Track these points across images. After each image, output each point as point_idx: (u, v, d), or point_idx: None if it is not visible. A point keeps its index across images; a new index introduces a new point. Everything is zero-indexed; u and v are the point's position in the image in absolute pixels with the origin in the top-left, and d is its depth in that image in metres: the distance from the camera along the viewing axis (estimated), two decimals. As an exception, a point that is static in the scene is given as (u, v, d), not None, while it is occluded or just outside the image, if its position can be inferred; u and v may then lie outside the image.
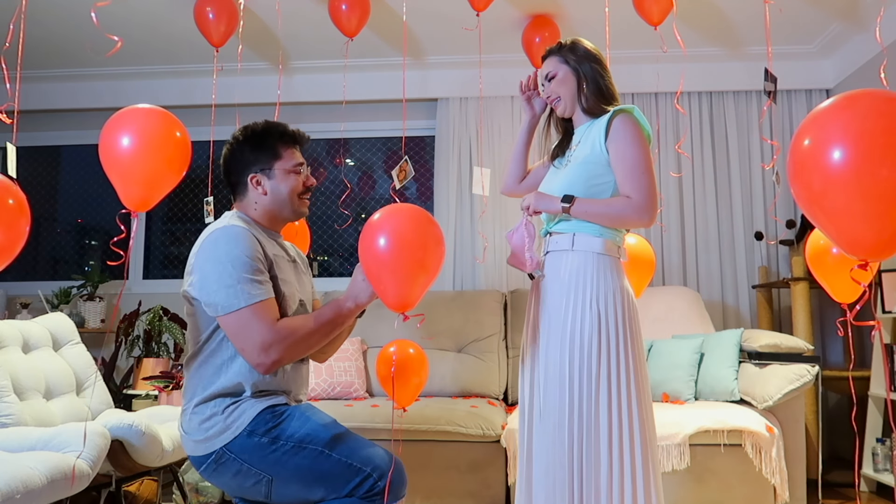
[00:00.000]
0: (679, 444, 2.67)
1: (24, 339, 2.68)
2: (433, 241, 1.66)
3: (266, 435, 1.67)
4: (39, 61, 4.38)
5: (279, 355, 1.67)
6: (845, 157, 1.22)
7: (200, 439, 1.70)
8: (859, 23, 3.83)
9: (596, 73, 1.95)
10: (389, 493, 1.65)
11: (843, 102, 1.28)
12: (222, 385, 1.71)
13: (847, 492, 3.43)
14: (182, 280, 1.79)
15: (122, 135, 1.72)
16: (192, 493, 3.11)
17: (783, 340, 3.10)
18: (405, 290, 1.62)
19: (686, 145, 4.37)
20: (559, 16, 3.83)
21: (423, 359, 2.54)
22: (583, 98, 1.95)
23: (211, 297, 1.67)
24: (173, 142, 1.76)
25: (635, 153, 1.82)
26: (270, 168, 1.86)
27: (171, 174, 1.81)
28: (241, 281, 1.66)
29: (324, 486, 1.67)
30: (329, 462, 1.66)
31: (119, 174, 1.74)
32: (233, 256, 1.68)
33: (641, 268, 2.60)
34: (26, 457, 1.89)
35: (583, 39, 2.01)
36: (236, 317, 1.65)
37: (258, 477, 1.68)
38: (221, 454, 1.68)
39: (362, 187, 4.80)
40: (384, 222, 1.65)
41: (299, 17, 3.82)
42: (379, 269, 1.62)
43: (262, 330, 1.65)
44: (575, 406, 1.77)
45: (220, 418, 1.69)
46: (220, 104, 4.12)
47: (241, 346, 1.67)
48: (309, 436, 1.68)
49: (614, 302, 1.82)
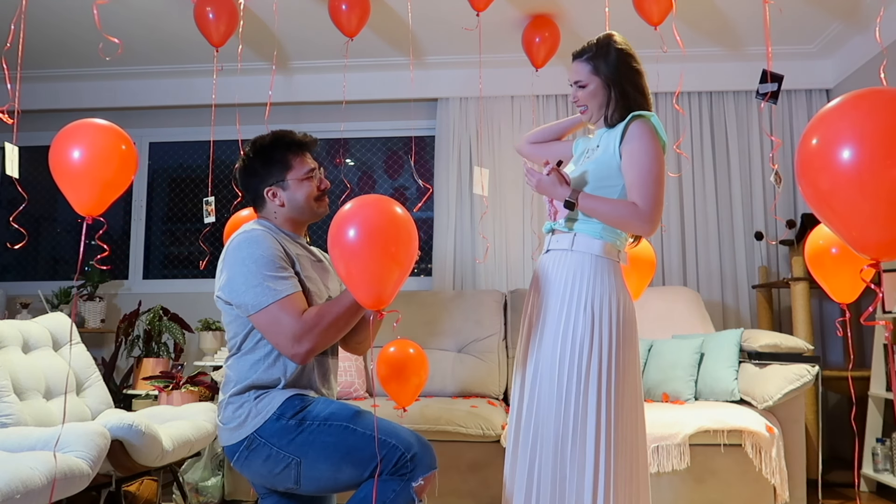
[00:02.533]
0: (679, 444, 2.67)
1: (24, 339, 2.68)
2: (405, 233, 1.61)
3: (294, 418, 1.74)
4: (39, 61, 4.38)
5: (312, 344, 1.73)
6: (854, 156, 1.22)
7: (233, 426, 1.78)
8: (859, 23, 3.83)
9: (627, 87, 1.90)
10: (419, 467, 1.67)
11: (851, 101, 1.28)
12: (257, 379, 1.79)
13: (847, 492, 3.43)
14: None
15: (72, 148, 1.80)
16: (192, 493, 3.12)
17: (783, 340, 3.10)
18: (378, 287, 1.58)
19: (686, 145, 4.37)
20: (559, 16, 3.83)
21: (423, 359, 2.54)
22: (609, 113, 1.93)
23: (240, 298, 1.76)
24: (118, 154, 1.84)
25: (647, 161, 1.82)
26: (284, 180, 1.92)
27: (117, 184, 1.89)
28: (265, 279, 1.74)
29: (351, 463, 1.70)
30: (355, 436, 1.70)
31: (68, 183, 1.84)
32: (256, 257, 1.76)
33: (642, 268, 2.60)
34: (26, 457, 1.89)
35: (616, 37, 1.93)
36: (265, 313, 1.73)
37: (287, 460, 1.73)
38: (252, 440, 1.75)
39: (362, 187, 4.80)
40: (354, 213, 1.59)
41: (299, 17, 3.82)
42: (348, 264, 1.57)
43: (290, 322, 1.72)
44: (563, 405, 1.78)
45: (251, 405, 1.76)
46: (220, 104, 4.11)
47: (274, 342, 1.75)
48: (334, 414, 1.75)
49: (609, 305, 1.83)
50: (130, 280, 4.71)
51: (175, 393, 3.20)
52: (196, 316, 4.24)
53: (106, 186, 1.81)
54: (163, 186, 4.91)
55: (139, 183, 4.80)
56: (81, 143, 1.79)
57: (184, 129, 4.78)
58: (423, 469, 1.68)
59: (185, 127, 4.76)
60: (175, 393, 3.20)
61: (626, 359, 1.83)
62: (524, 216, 4.35)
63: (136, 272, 4.73)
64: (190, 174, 4.90)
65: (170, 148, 4.87)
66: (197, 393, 3.27)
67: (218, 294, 1.83)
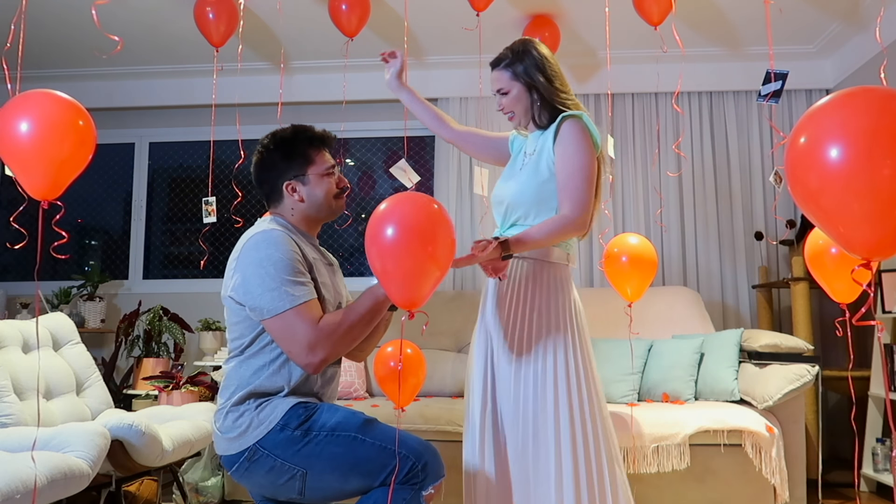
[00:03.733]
0: (679, 444, 2.67)
1: (24, 339, 2.68)
2: (444, 232, 1.56)
3: (298, 428, 1.67)
4: (39, 61, 4.38)
5: (326, 353, 1.67)
6: (843, 154, 1.21)
7: (233, 436, 1.70)
8: (859, 23, 3.83)
9: (549, 88, 1.91)
10: (430, 476, 1.65)
11: (840, 99, 1.27)
12: (260, 385, 1.72)
13: (847, 492, 3.43)
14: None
15: (20, 121, 1.56)
16: (192, 493, 3.12)
17: (783, 340, 3.10)
18: (413, 286, 1.55)
19: (686, 145, 4.37)
20: (559, 16, 3.83)
21: (421, 359, 2.54)
22: (536, 115, 1.95)
23: (255, 301, 1.68)
24: (74, 130, 1.61)
25: (578, 160, 1.83)
26: (304, 174, 1.85)
27: (74, 163, 1.65)
28: (283, 283, 1.67)
29: (360, 474, 1.66)
30: (364, 447, 1.65)
31: (17, 162, 1.60)
32: (274, 259, 1.68)
33: (644, 268, 2.60)
34: (26, 457, 1.89)
35: (536, 43, 1.96)
36: (281, 319, 1.66)
37: (292, 472, 1.67)
38: (254, 451, 1.68)
39: (362, 187, 4.80)
40: (391, 211, 1.55)
41: (299, 17, 3.82)
42: (384, 262, 1.54)
43: (306, 330, 1.65)
44: (520, 408, 1.82)
45: (252, 415, 1.69)
46: (220, 104, 4.11)
47: (287, 348, 1.68)
48: (341, 424, 1.68)
49: (562, 309, 1.86)
50: (130, 280, 4.71)
51: (175, 393, 3.20)
52: (196, 316, 4.24)
53: (61, 166, 1.60)
54: (163, 186, 4.91)
55: (139, 183, 4.80)
56: (31, 116, 1.56)
57: (184, 129, 4.78)
58: (433, 478, 1.66)
59: (185, 127, 4.76)
60: (175, 393, 3.20)
61: (583, 357, 1.87)
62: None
63: (136, 272, 4.73)
64: (190, 174, 4.90)
65: (170, 148, 4.87)
66: (197, 393, 3.27)
67: (229, 294, 1.75)
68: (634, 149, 4.40)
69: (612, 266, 2.61)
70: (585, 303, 2.03)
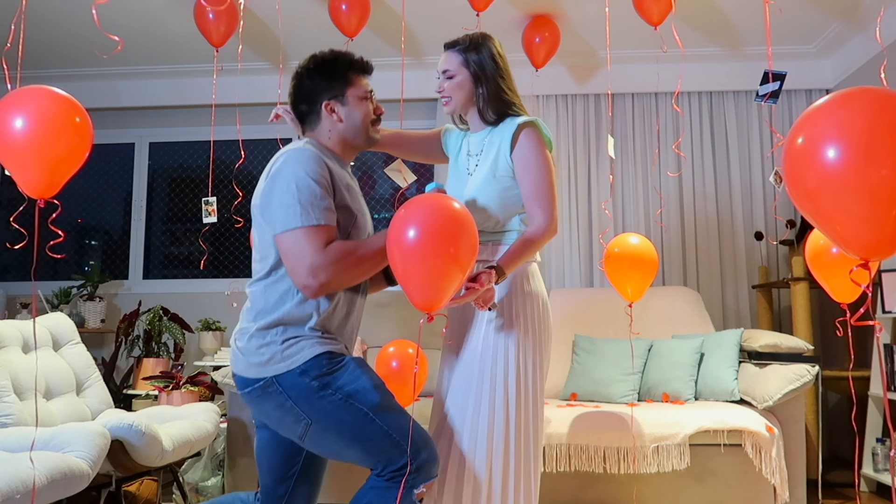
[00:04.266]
0: (679, 444, 2.66)
1: (24, 339, 2.68)
2: (466, 235, 1.56)
3: (318, 379, 1.66)
4: (39, 61, 4.38)
5: (328, 278, 1.65)
6: (841, 155, 1.21)
7: (254, 363, 1.70)
8: (859, 23, 3.83)
9: (497, 85, 1.91)
10: (422, 475, 1.65)
11: (838, 99, 1.27)
12: (288, 312, 1.70)
13: (847, 492, 3.43)
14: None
15: (15, 117, 1.53)
16: (192, 493, 3.12)
17: (783, 340, 3.10)
18: (433, 287, 1.53)
19: (686, 145, 4.37)
20: (559, 16, 3.83)
21: (422, 359, 2.54)
22: (480, 106, 1.94)
23: (271, 213, 1.69)
24: (72, 127, 1.59)
25: (540, 170, 1.85)
26: (343, 95, 1.84)
27: (71, 161, 1.62)
28: (301, 202, 1.65)
29: (360, 449, 1.66)
30: (372, 427, 1.65)
31: (13, 160, 1.57)
32: (298, 178, 1.67)
33: (644, 268, 2.60)
34: (26, 457, 1.89)
35: (493, 40, 1.95)
36: (291, 236, 1.65)
37: (299, 417, 1.67)
38: (269, 384, 1.68)
39: (362, 187, 4.78)
40: (412, 213, 1.56)
41: (299, 17, 3.82)
42: (405, 263, 1.54)
43: (312, 252, 1.64)
44: (471, 399, 1.82)
45: (278, 348, 1.69)
46: (220, 104, 4.11)
47: (291, 266, 1.66)
48: (359, 392, 1.67)
49: (529, 306, 1.88)
50: (130, 280, 4.71)
51: (175, 393, 3.21)
52: (196, 316, 4.24)
53: (57, 163, 1.57)
54: (163, 186, 4.91)
55: (139, 183, 4.80)
56: (26, 113, 1.52)
57: (184, 129, 4.78)
58: (425, 477, 1.66)
59: (185, 127, 4.76)
60: (175, 393, 3.21)
61: (541, 358, 1.88)
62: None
63: (136, 272, 4.73)
64: (190, 174, 4.90)
65: (170, 148, 4.87)
66: (197, 393, 3.28)
67: (255, 202, 1.75)
68: (634, 149, 4.40)
69: (612, 266, 2.61)
70: (585, 303, 2.03)
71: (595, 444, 2.69)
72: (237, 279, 4.51)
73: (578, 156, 4.39)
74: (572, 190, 4.37)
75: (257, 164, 4.73)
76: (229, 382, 3.13)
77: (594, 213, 4.34)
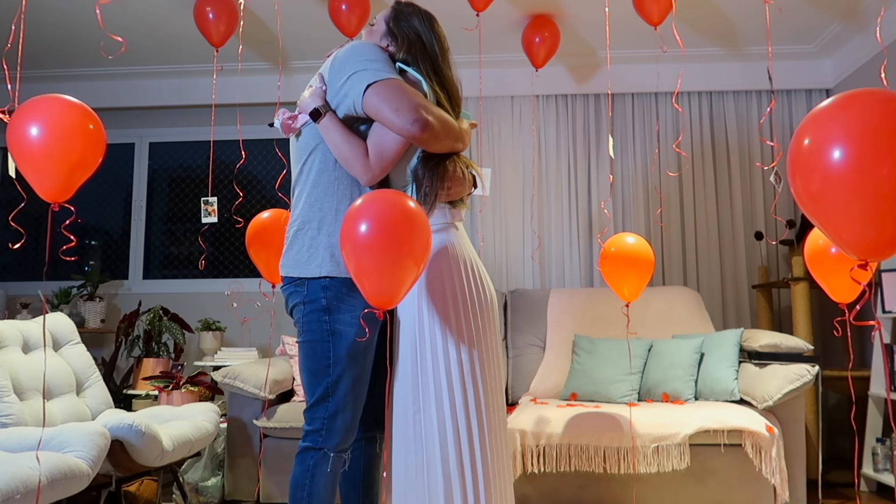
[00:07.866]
0: (679, 444, 2.66)
1: (24, 339, 2.68)
2: (420, 229, 1.58)
3: (327, 299, 1.72)
4: (40, 61, 4.38)
5: (432, 119, 1.65)
6: (845, 156, 1.22)
7: (289, 260, 1.79)
8: (859, 23, 3.83)
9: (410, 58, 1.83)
10: (329, 443, 1.70)
11: (842, 102, 1.27)
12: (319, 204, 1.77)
13: (847, 492, 3.43)
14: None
15: (31, 125, 1.61)
16: (192, 493, 3.12)
17: (783, 340, 3.10)
18: (387, 283, 1.55)
19: (686, 145, 4.37)
20: (559, 16, 3.83)
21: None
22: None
23: (354, 68, 1.69)
24: (84, 133, 1.67)
25: None
26: None
27: (84, 166, 1.71)
28: (386, 63, 1.70)
29: (305, 383, 1.75)
30: (320, 385, 1.71)
31: (29, 165, 1.64)
32: (374, 49, 1.74)
33: (640, 267, 2.60)
34: (26, 457, 1.90)
35: (438, 25, 1.96)
36: (388, 84, 1.65)
37: (299, 321, 1.77)
38: (302, 282, 1.75)
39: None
40: (365, 208, 1.57)
41: (299, 17, 3.82)
42: (359, 259, 1.55)
43: (412, 93, 1.66)
44: (408, 381, 1.76)
45: (307, 254, 1.75)
46: (220, 104, 4.12)
47: (395, 107, 1.63)
48: (342, 340, 1.71)
49: (447, 274, 1.80)
50: (130, 280, 4.72)
51: (175, 393, 3.21)
52: (196, 316, 4.24)
53: (72, 169, 1.64)
54: (163, 186, 4.91)
55: (139, 183, 4.80)
56: (42, 121, 1.60)
57: (184, 129, 4.78)
58: (331, 447, 1.71)
59: (185, 127, 4.76)
60: (175, 393, 3.21)
61: (463, 330, 1.80)
62: (524, 216, 4.36)
63: (136, 272, 4.73)
64: (190, 174, 4.90)
65: (170, 148, 4.87)
66: (197, 393, 3.28)
67: (313, 86, 1.78)
68: (634, 149, 4.40)
69: (608, 266, 2.61)
70: (585, 303, 2.02)
71: (595, 444, 2.69)
72: (237, 279, 4.51)
73: (578, 156, 4.39)
74: (572, 190, 4.37)
75: (257, 164, 4.73)
76: (229, 382, 3.14)
77: (594, 212, 4.35)
